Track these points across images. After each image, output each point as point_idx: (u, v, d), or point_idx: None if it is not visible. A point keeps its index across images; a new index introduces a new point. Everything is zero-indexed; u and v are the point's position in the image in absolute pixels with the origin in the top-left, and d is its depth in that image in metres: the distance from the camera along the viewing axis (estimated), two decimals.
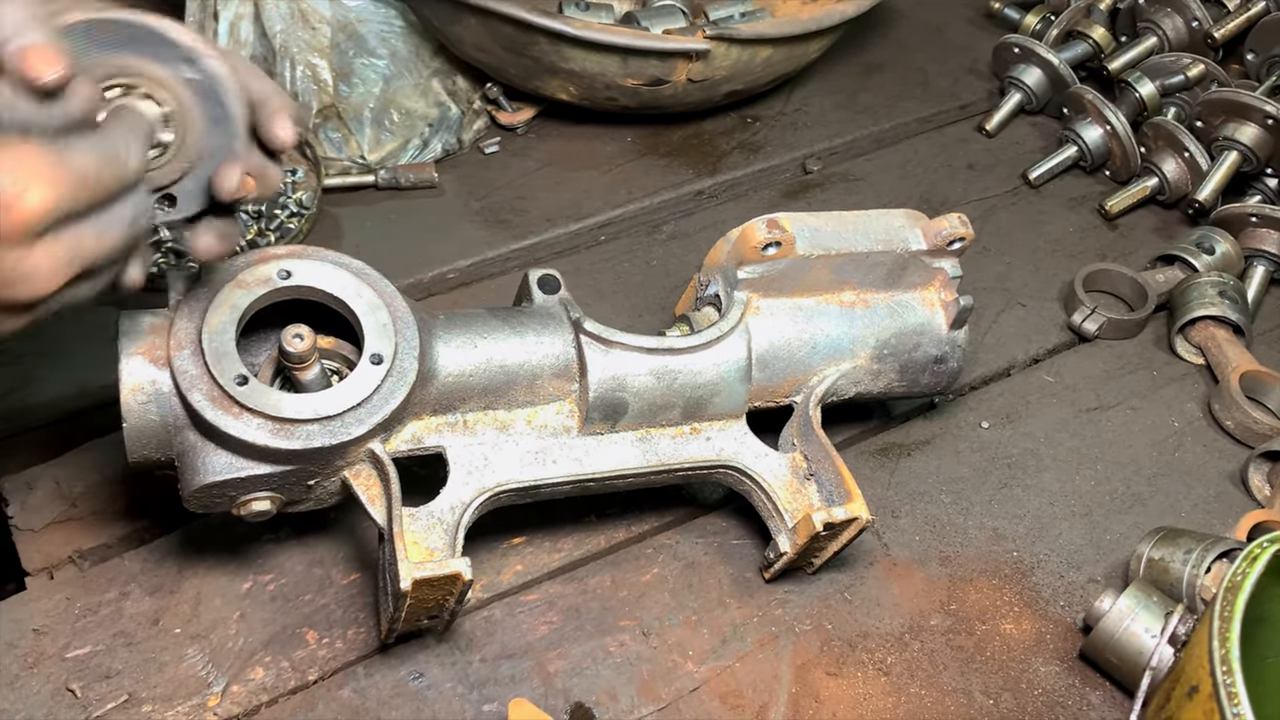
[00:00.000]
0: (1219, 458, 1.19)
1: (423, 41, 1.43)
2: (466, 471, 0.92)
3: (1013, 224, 1.44)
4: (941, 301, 1.07)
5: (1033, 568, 1.08)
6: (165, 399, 0.85)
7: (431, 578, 0.83)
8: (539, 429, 0.96)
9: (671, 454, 0.99)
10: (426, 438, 0.93)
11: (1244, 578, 0.68)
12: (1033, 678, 1.00)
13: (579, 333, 0.96)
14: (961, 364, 1.09)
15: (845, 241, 1.01)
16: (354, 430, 0.86)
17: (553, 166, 1.43)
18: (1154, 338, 1.31)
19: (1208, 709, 0.62)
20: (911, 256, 1.04)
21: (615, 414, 0.97)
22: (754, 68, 1.39)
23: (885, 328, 1.05)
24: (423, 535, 0.88)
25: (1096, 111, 1.46)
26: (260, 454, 0.85)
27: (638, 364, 0.97)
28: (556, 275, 1.02)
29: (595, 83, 1.35)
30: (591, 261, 1.32)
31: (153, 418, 0.85)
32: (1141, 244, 1.43)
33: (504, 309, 0.99)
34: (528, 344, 0.95)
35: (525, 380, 0.95)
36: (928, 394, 1.12)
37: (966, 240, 1.04)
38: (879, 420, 1.20)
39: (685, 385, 0.98)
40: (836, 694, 0.97)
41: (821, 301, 1.04)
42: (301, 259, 0.90)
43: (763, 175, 1.46)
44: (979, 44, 1.66)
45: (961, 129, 1.57)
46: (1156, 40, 1.54)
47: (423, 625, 0.93)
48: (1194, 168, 1.41)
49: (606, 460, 0.97)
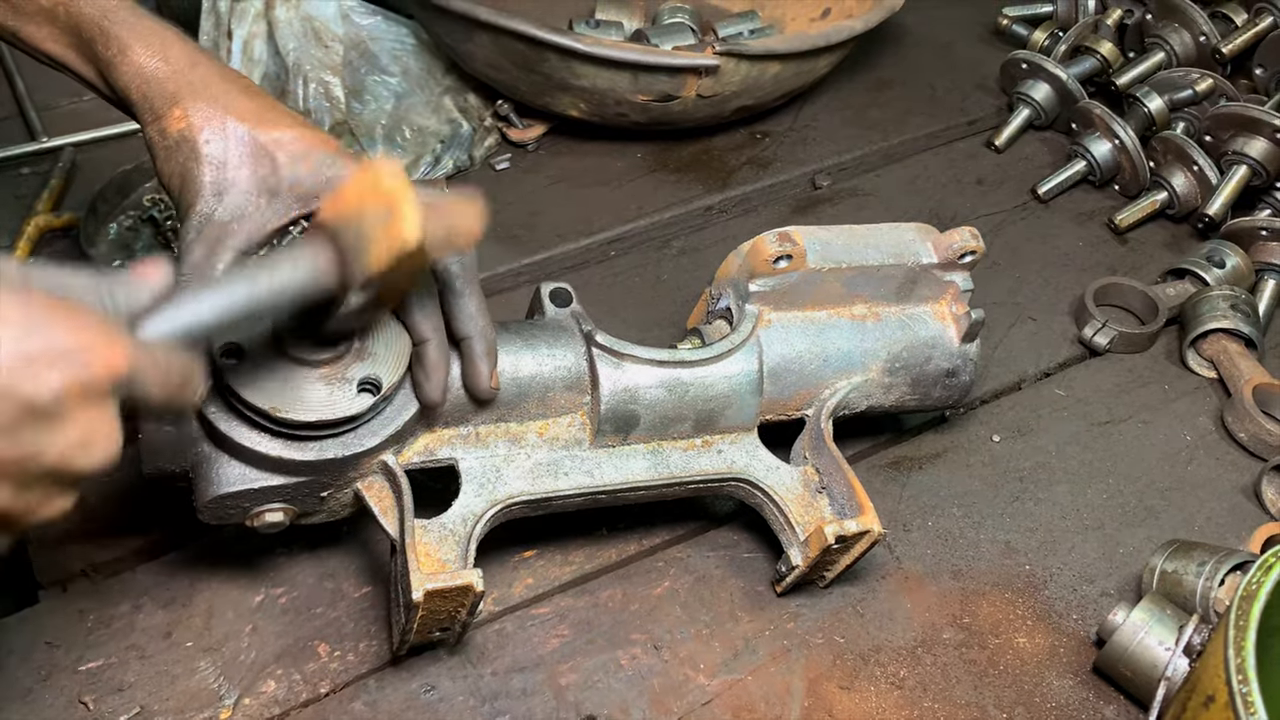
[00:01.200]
0: (1232, 471, 1.19)
1: (434, 59, 1.44)
2: (479, 484, 0.92)
3: (1022, 239, 1.44)
4: (953, 315, 1.07)
5: (1045, 581, 1.08)
6: None
7: (443, 589, 0.83)
8: (551, 441, 0.96)
9: (683, 467, 0.99)
10: (439, 450, 0.93)
11: (1259, 587, 0.68)
12: (1046, 692, 0.99)
13: (591, 345, 0.97)
14: (973, 377, 1.09)
15: (856, 255, 1.01)
16: (367, 442, 0.87)
17: (563, 183, 1.43)
18: (1165, 351, 1.31)
19: (1224, 718, 0.62)
20: (923, 270, 1.04)
21: (627, 426, 0.97)
22: (763, 83, 1.39)
23: (896, 341, 1.05)
24: (435, 547, 0.88)
25: (1105, 126, 1.46)
26: (273, 465, 0.85)
27: (649, 376, 0.97)
28: (569, 289, 1.02)
29: (605, 99, 1.36)
30: (602, 276, 1.33)
31: (167, 429, 0.86)
32: (1151, 258, 1.42)
33: (516, 322, 0.99)
34: (540, 356, 0.95)
35: (537, 393, 0.95)
36: (939, 408, 1.12)
37: (978, 254, 1.04)
38: (890, 434, 1.20)
39: (697, 398, 0.98)
40: (849, 708, 0.97)
41: (832, 315, 1.04)
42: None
43: (772, 190, 1.46)
44: (988, 60, 1.66)
45: (971, 144, 1.57)
46: (1164, 55, 1.55)
47: (434, 638, 0.93)
48: (1203, 181, 1.41)
49: (618, 473, 0.97)
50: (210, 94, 0.85)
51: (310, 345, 0.85)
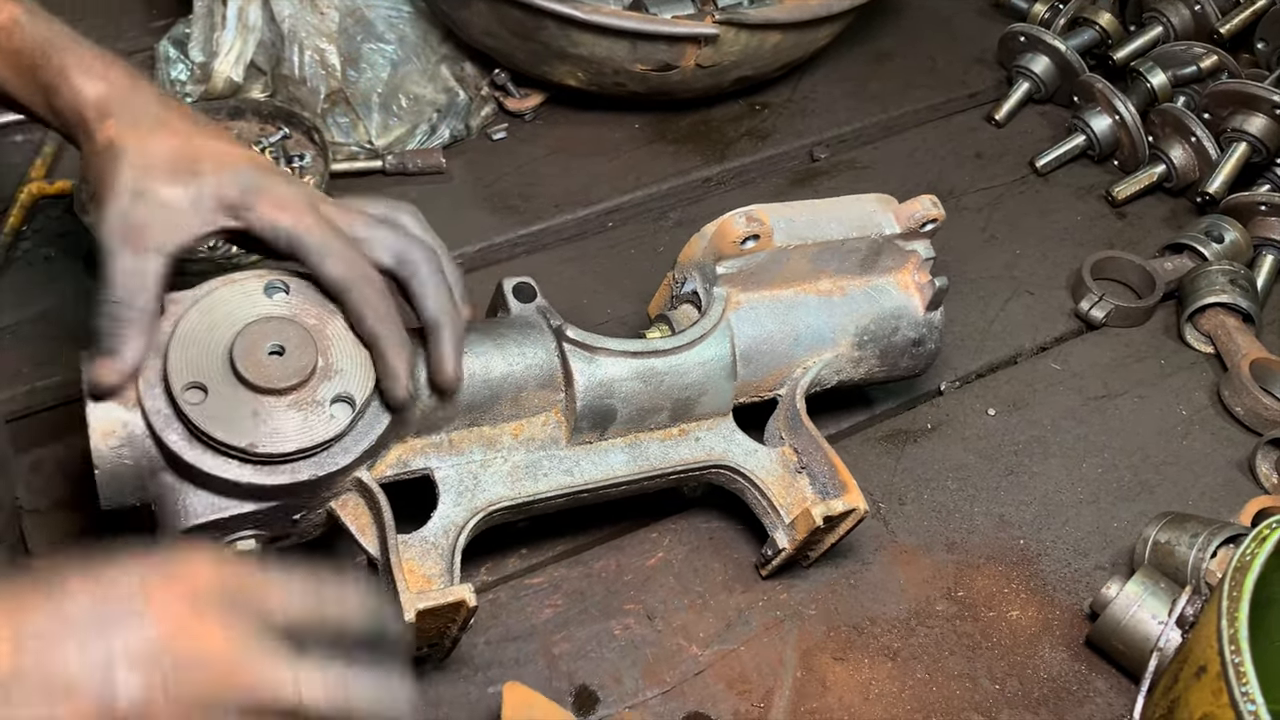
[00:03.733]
0: (1227, 446, 1.19)
1: (431, 27, 1.43)
2: (456, 492, 0.90)
3: (1020, 212, 1.43)
4: (916, 284, 1.07)
5: (1039, 554, 1.08)
6: (139, 441, 0.80)
7: (435, 607, 0.81)
8: (527, 442, 0.94)
9: (662, 458, 0.97)
10: (412, 460, 0.90)
11: (1253, 558, 0.68)
12: (1038, 664, 1.00)
13: (561, 340, 0.94)
14: (939, 345, 1.09)
15: (820, 230, 1.00)
16: (341, 460, 0.83)
17: (560, 153, 1.42)
18: (1163, 326, 1.31)
19: (1215, 688, 0.62)
20: (885, 241, 1.03)
21: (604, 421, 0.95)
22: (763, 53, 1.38)
23: (864, 314, 1.05)
24: (418, 563, 0.85)
25: (1106, 101, 1.45)
26: (243, 492, 0.81)
27: (624, 369, 0.95)
28: (531, 283, 0.99)
29: (604, 68, 1.35)
30: (598, 248, 1.32)
31: (127, 462, 0.81)
32: (1150, 233, 1.42)
33: (482, 322, 0.96)
34: (509, 355, 0.92)
35: (509, 393, 0.92)
36: (907, 376, 1.12)
37: (938, 221, 1.03)
38: (885, 407, 1.19)
39: (672, 386, 0.97)
40: (843, 678, 0.97)
41: (800, 292, 1.03)
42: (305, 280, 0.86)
43: (770, 162, 1.45)
44: (988, 34, 1.65)
45: (970, 118, 1.56)
46: (1162, 29, 1.54)
47: (422, 653, 0.90)
48: (1201, 153, 1.41)
49: (597, 469, 0.95)
50: (145, 110, 0.84)
51: (274, 372, 0.82)
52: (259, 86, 1.38)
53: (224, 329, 0.83)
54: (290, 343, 0.82)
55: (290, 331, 0.83)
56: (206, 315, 0.83)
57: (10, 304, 1.16)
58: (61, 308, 1.16)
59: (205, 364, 0.81)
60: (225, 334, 0.82)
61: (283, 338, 0.83)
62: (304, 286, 0.86)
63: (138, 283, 0.80)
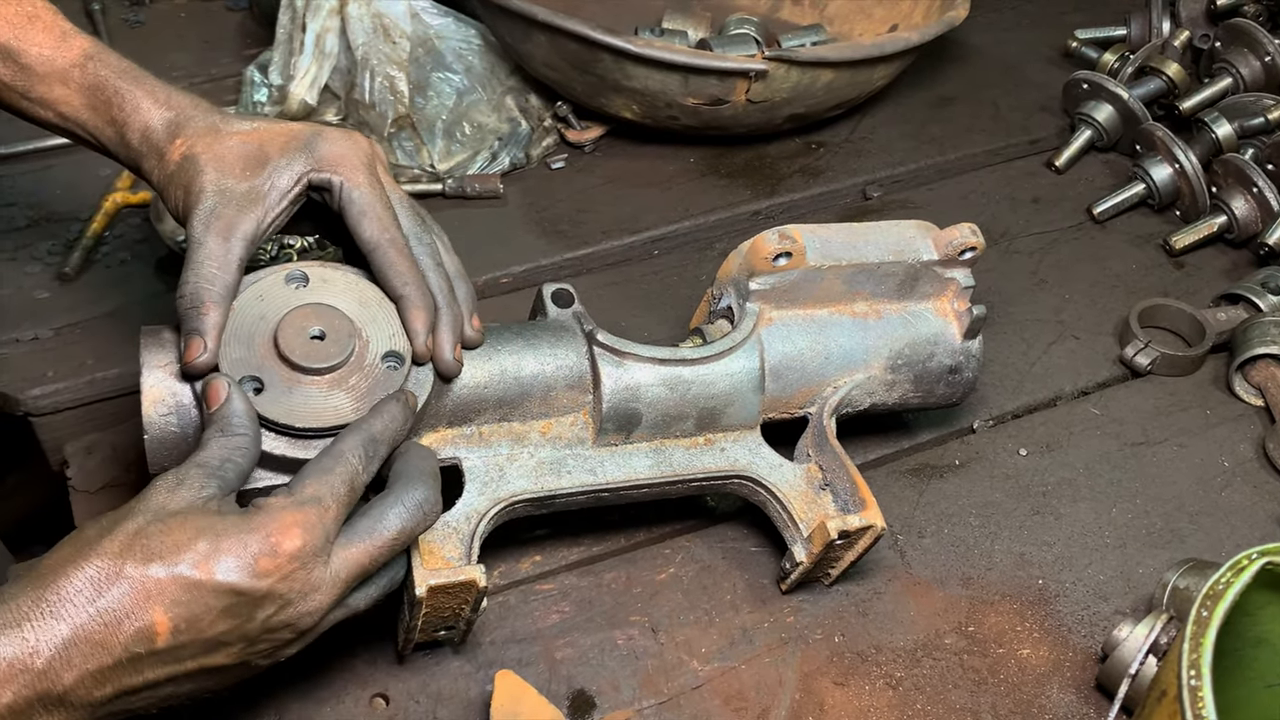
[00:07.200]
0: (1269, 500, 1.15)
1: (499, 60, 1.49)
2: (482, 482, 0.94)
3: (1073, 258, 1.42)
4: (954, 311, 1.07)
5: (1058, 595, 1.06)
6: (186, 411, 0.86)
7: (446, 584, 0.85)
8: (554, 440, 0.97)
9: (685, 465, 1.00)
10: (443, 449, 0.94)
11: (1227, 587, 0.67)
12: (1045, 704, 0.98)
13: (592, 344, 0.98)
14: (976, 374, 1.09)
15: (856, 252, 1.02)
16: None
17: (615, 183, 1.46)
18: (1211, 377, 1.28)
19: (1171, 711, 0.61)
20: (923, 267, 1.04)
21: (629, 425, 0.98)
22: (815, 91, 1.40)
23: (898, 338, 1.05)
24: (439, 545, 0.89)
25: (1166, 149, 1.43)
26: (277, 464, 0.85)
27: (650, 375, 0.98)
28: (570, 290, 1.03)
29: (657, 101, 1.39)
30: (642, 273, 1.35)
31: (173, 429, 0.86)
32: (1208, 283, 1.39)
33: (518, 323, 1.01)
34: (542, 356, 0.96)
35: (540, 392, 0.96)
36: (944, 405, 1.12)
37: (978, 250, 1.04)
38: (914, 441, 1.19)
39: (699, 396, 0.99)
40: (841, 703, 0.97)
41: (834, 312, 1.05)
42: (322, 268, 0.92)
43: (821, 199, 1.47)
44: (1055, 81, 1.64)
45: (1030, 163, 1.56)
46: (1231, 80, 1.52)
47: (439, 636, 0.94)
48: (1263, 205, 1.38)
49: (620, 471, 0.98)
50: (208, 122, 0.91)
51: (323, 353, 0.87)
52: (333, 110, 1.46)
53: (267, 322, 0.88)
54: (328, 326, 0.88)
55: (327, 315, 0.89)
56: (243, 314, 0.88)
57: (85, 301, 1.25)
58: (129, 308, 1.24)
59: (254, 359, 0.86)
60: (266, 328, 0.88)
61: (321, 322, 0.88)
62: (319, 271, 0.92)
63: (221, 265, 0.86)
